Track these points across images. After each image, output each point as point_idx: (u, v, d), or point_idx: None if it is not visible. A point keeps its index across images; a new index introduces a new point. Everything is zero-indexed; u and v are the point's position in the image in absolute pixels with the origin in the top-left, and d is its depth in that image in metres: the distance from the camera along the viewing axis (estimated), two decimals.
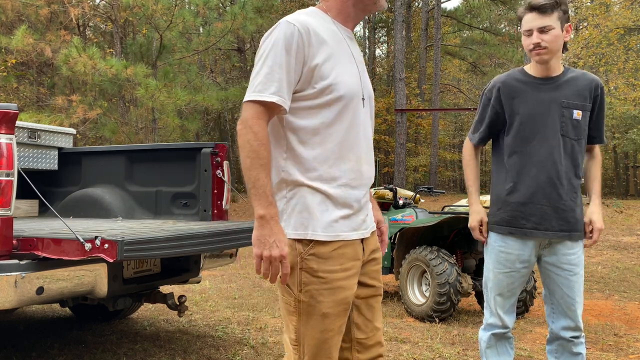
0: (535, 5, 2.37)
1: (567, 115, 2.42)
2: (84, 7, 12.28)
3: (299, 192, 1.69)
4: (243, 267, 7.78)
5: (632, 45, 18.87)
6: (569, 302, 2.46)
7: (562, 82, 2.45)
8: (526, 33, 2.41)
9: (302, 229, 1.68)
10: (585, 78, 2.47)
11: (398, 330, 4.40)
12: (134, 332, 4.29)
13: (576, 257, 2.48)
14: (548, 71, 2.46)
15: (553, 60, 2.43)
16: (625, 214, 13.66)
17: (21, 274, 2.45)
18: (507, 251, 2.50)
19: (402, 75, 19.45)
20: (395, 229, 5.48)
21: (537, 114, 2.44)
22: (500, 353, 2.60)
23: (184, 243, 2.76)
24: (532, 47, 2.39)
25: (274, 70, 1.64)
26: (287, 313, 1.73)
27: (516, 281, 2.52)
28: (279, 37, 1.66)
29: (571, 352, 2.49)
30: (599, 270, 7.59)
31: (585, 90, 2.45)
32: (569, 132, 2.43)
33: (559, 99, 2.43)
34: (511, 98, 2.48)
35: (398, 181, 18.91)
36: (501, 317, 2.55)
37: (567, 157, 2.44)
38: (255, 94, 1.63)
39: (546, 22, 2.36)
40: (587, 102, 2.45)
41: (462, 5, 28.63)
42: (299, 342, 1.71)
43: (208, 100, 12.33)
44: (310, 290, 1.68)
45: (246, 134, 1.61)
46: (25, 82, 16.31)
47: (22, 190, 4.21)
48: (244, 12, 12.08)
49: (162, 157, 4.04)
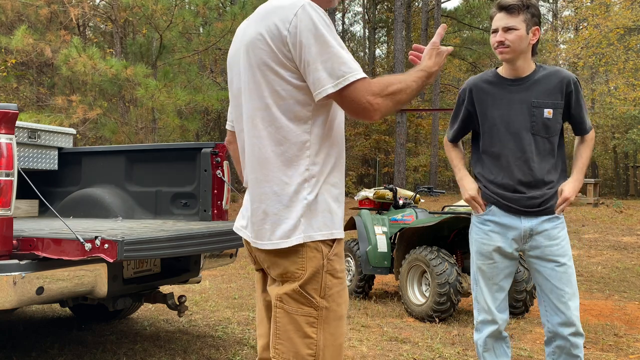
0: (503, 5, 2.44)
1: (538, 114, 2.48)
2: (84, 7, 12.27)
3: (320, 191, 1.62)
4: (243, 267, 7.78)
5: (632, 45, 18.86)
6: (558, 294, 2.47)
7: (532, 82, 2.51)
8: (493, 31, 2.49)
9: (326, 229, 1.62)
10: (557, 76, 2.52)
11: (398, 330, 4.40)
12: (134, 332, 4.29)
13: (559, 247, 2.50)
14: (517, 72, 2.53)
15: (520, 61, 2.50)
16: (625, 214, 13.66)
17: (21, 274, 2.45)
18: (487, 243, 2.56)
19: None
20: (395, 229, 5.48)
21: (507, 115, 2.51)
22: (498, 355, 2.61)
23: (184, 243, 2.76)
24: (496, 45, 2.47)
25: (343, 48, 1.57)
26: (305, 326, 1.61)
27: (500, 273, 2.57)
28: (317, 17, 1.55)
29: (570, 354, 2.48)
30: (599, 270, 7.59)
31: (556, 88, 2.50)
32: (540, 131, 2.49)
33: (529, 99, 2.49)
34: (482, 100, 2.57)
35: (398, 181, 18.91)
36: (491, 310, 2.57)
37: (540, 154, 2.50)
38: (358, 73, 1.55)
39: (511, 22, 2.43)
40: (558, 99, 2.50)
41: (462, 5, 28.63)
42: (317, 355, 1.60)
43: (208, 100, 12.32)
44: (333, 295, 1.63)
45: (388, 95, 1.56)
46: (25, 82, 16.30)
47: (22, 190, 4.21)
48: (244, 12, 12.07)
49: (162, 157, 4.04)
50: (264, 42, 1.58)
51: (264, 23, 1.59)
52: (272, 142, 1.61)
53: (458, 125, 2.72)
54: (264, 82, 1.60)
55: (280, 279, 1.65)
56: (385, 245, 5.42)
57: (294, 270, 1.61)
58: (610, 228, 11.62)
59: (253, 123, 1.64)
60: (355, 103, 1.54)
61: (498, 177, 2.54)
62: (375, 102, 1.53)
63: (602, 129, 25.85)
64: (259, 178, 1.64)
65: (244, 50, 1.66)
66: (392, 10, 25.04)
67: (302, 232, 1.59)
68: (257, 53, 1.60)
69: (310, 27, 1.52)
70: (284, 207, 1.61)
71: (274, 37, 1.56)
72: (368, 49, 31.87)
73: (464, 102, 2.65)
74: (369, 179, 27.25)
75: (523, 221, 2.52)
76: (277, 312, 1.64)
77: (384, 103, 1.55)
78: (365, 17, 32.89)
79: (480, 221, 2.61)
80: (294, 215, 1.60)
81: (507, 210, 2.52)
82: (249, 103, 1.65)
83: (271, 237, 1.62)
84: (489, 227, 2.57)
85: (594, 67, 21.65)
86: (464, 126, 2.71)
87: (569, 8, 27.58)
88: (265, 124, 1.61)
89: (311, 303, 1.60)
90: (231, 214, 3.80)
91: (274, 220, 1.62)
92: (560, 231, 2.52)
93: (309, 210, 1.60)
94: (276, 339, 1.64)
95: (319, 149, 1.62)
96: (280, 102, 1.59)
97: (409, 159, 24.55)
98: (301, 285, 1.60)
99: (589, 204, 15.44)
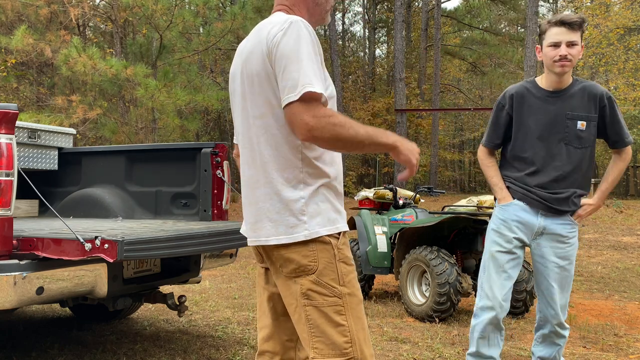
0: (567, 20, 2.60)
1: (571, 125, 2.65)
2: (84, 7, 12.27)
3: (319, 190, 1.72)
4: (243, 267, 7.78)
5: (632, 45, 18.87)
6: (551, 292, 2.73)
7: (569, 95, 2.68)
8: (553, 45, 2.62)
9: (329, 224, 1.71)
10: (591, 90, 2.69)
11: (398, 330, 4.40)
12: (134, 332, 4.29)
13: (564, 251, 2.73)
14: (560, 84, 2.69)
15: (567, 75, 2.67)
16: (625, 214, 13.66)
17: (21, 274, 2.45)
18: (504, 232, 2.74)
19: (402, 76, 19.46)
20: (395, 229, 5.48)
21: (542, 125, 2.67)
22: (491, 345, 2.78)
23: (184, 243, 2.76)
24: (559, 59, 2.61)
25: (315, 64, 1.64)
26: (335, 315, 1.68)
27: (511, 261, 2.75)
28: (304, 34, 1.64)
29: (553, 342, 2.81)
30: (599, 270, 7.59)
31: (590, 102, 2.67)
32: (573, 141, 2.65)
33: (564, 111, 2.66)
34: (520, 107, 2.72)
35: (398, 181, 18.89)
36: (495, 296, 2.72)
37: (570, 163, 2.66)
38: (315, 87, 1.60)
39: (574, 37, 2.60)
40: (592, 112, 2.66)
41: (462, 5, 28.63)
42: (352, 340, 1.69)
43: (208, 100, 12.32)
44: (351, 280, 1.72)
45: (327, 121, 1.58)
46: (25, 82, 16.30)
47: (22, 190, 4.21)
48: (244, 12, 12.08)
49: (162, 157, 4.04)
50: (256, 55, 1.71)
51: (258, 38, 1.73)
52: (269, 146, 1.72)
53: (500, 130, 2.83)
54: (259, 92, 1.72)
55: (294, 274, 1.72)
56: (385, 245, 5.42)
57: (307, 264, 1.69)
58: (610, 228, 11.62)
59: (252, 130, 1.76)
60: (293, 117, 1.61)
61: (526, 179, 2.71)
62: (310, 121, 1.58)
63: None
64: (259, 181, 1.74)
65: (242, 63, 1.80)
66: (392, 10, 25.03)
67: (307, 229, 1.68)
68: (251, 66, 1.73)
69: (291, 42, 1.63)
70: (284, 206, 1.70)
71: (263, 51, 1.69)
72: (368, 49, 31.88)
73: (504, 107, 2.79)
74: (369, 179, 27.25)
75: (539, 218, 2.70)
76: (306, 311, 1.70)
77: (319, 126, 1.58)
78: (365, 17, 32.90)
79: (501, 210, 2.78)
80: (296, 212, 1.69)
81: (529, 203, 2.69)
82: (248, 112, 1.77)
83: (277, 234, 1.71)
84: (509, 216, 2.73)
85: (594, 67, 21.64)
86: (505, 131, 2.82)
87: (569, 8, 27.58)
88: (262, 130, 1.73)
89: (334, 292, 1.69)
90: (231, 214, 3.81)
91: (277, 219, 1.71)
92: (570, 238, 2.71)
93: (310, 207, 1.70)
94: (312, 338, 1.70)
95: (312, 150, 1.72)
96: (273, 110, 1.71)
97: None
98: (317, 276, 1.68)
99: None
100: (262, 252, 1.82)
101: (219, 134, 23.36)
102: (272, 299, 1.88)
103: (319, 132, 1.58)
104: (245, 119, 1.78)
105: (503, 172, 2.83)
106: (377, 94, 28.79)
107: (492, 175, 2.82)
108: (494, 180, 2.81)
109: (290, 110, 1.61)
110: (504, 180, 2.80)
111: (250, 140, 1.77)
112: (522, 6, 26.25)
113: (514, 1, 26.77)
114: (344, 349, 1.68)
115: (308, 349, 1.72)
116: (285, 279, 1.74)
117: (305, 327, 1.71)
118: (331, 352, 1.68)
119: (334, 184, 1.77)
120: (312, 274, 1.69)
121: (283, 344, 1.90)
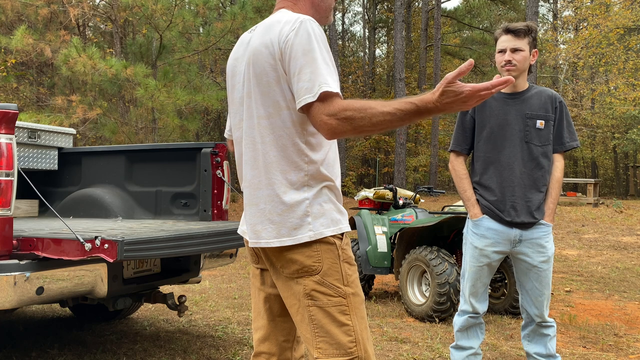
0: (511, 29, 2.79)
1: (531, 124, 2.82)
2: (84, 7, 12.28)
3: (322, 191, 1.71)
4: (243, 267, 7.78)
5: (632, 45, 18.87)
6: (536, 293, 2.86)
7: (526, 97, 2.85)
8: (500, 51, 2.82)
9: (333, 224, 1.71)
10: (546, 93, 2.87)
11: (398, 330, 4.40)
12: (134, 332, 4.29)
13: (542, 255, 2.84)
14: (515, 87, 2.86)
15: (520, 78, 2.83)
16: (625, 214, 13.66)
17: (21, 274, 2.45)
18: (480, 246, 2.85)
19: (402, 75, 19.45)
20: (395, 229, 5.48)
21: (504, 125, 2.82)
22: (470, 337, 2.96)
23: (184, 243, 2.76)
24: (504, 64, 2.79)
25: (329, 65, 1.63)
26: (339, 315, 1.68)
27: (489, 274, 2.90)
28: (316, 32, 1.64)
29: (541, 334, 2.91)
30: (599, 270, 7.59)
31: (547, 103, 2.85)
32: (533, 139, 2.81)
33: (523, 111, 2.83)
34: (482, 110, 2.87)
35: (398, 181, 18.91)
36: (472, 304, 2.91)
37: (532, 160, 2.80)
38: (332, 87, 1.57)
39: (518, 44, 2.78)
40: (549, 113, 2.85)
41: (462, 5, 28.63)
42: (357, 339, 1.69)
43: (208, 100, 12.32)
44: (354, 280, 1.73)
45: (345, 115, 1.54)
46: (25, 82, 16.29)
47: (22, 190, 4.21)
48: (243, 12, 12.07)
49: (162, 157, 4.04)
50: (266, 55, 1.68)
51: (267, 36, 1.69)
52: (274, 147, 1.70)
53: (467, 133, 2.95)
54: (267, 93, 1.69)
55: (296, 275, 1.70)
56: (385, 245, 5.42)
57: (311, 264, 1.68)
58: (610, 228, 11.63)
59: (256, 130, 1.74)
60: (313, 119, 1.61)
61: (492, 184, 2.83)
62: (329, 122, 1.56)
63: (602, 129, 25.84)
64: (262, 182, 1.73)
65: (248, 61, 1.75)
66: (392, 10, 25.05)
67: (311, 230, 1.68)
68: (259, 65, 1.69)
69: (304, 42, 1.61)
70: (286, 208, 1.69)
71: (274, 51, 1.66)
72: (368, 49, 31.87)
73: (467, 111, 2.90)
74: (369, 179, 27.25)
75: (514, 229, 2.81)
76: (310, 311, 1.70)
77: (339, 124, 1.56)
78: (365, 17, 32.90)
79: (475, 225, 2.88)
80: (299, 214, 1.68)
81: (499, 220, 2.81)
82: (253, 111, 1.74)
83: (279, 236, 1.69)
84: (482, 232, 2.85)
85: (594, 67, 21.67)
86: (470, 134, 2.94)
87: (569, 8, 27.58)
88: (268, 131, 1.71)
89: (339, 292, 1.69)
90: (231, 214, 3.81)
91: (279, 221, 1.70)
92: (546, 241, 2.84)
93: (314, 208, 1.69)
94: (316, 338, 1.70)
95: (316, 152, 1.71)
96: (280, 111, 1.68)
97: (409, 159, 24.56)
98: (321, 277, 1.68)
99: (589, 204, 15.43)
100: (260, 253, 1.80)
101: (219, 134, 23.37)
102: (269, 300, 1.87)
103: (340, 128, 1.56)
104: (250, 118, 1.75)
105: (473, 179, 2.93)
106: (377, 94, 28.79)
107: (465, 189, 2.89)
108: (466, 194, 2.89)
109: (309, 112, 1.59)
110: (474, 190, 2.89)
111: (253, 139, 1.74)
112: (522, 6, 26.26)
113: (514, 1, 26.77)
114: (349, 348, 1.68)
115: (311, 349, 1.71)
116: (286, 279, 1.73)
117: (308, 328, 1.70)
118: (335, 351, 1.68)
119: (336, 185, 1.77)
120: (316, 274, 1.68)
121: (280, 344, 1.89)
